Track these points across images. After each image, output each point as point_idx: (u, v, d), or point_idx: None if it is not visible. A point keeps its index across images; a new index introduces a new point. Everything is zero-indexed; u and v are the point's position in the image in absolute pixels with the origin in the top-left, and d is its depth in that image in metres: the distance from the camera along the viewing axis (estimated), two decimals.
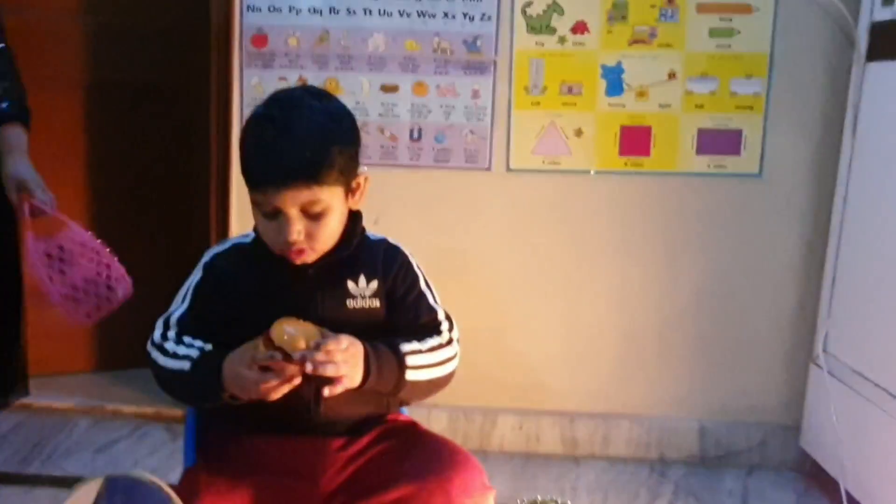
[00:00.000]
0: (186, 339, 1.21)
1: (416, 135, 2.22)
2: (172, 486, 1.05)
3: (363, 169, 1.24)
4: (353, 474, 1.21)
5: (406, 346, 1.20)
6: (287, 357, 1.06)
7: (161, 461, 2.16)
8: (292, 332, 1.08)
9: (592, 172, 2.20)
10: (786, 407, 2.22)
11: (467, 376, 2.24)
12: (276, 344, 1.07)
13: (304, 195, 1.13)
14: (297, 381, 1.09)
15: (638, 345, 2.24)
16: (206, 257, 1.29)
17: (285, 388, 1.09)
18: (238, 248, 1.30)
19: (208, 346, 1.19)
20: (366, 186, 1.24)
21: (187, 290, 1.26)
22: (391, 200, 2.15)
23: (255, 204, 1.18)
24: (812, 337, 2.14)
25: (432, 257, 1.35)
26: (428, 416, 2.14)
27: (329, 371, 1.07)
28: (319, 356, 1.07)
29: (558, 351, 2.26)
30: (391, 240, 1.33)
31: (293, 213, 1.14)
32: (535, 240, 2.23)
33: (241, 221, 2.22)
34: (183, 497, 1.05)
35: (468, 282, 2.16)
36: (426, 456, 1.19)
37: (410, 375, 1.19)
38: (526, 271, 2.24)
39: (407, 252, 1.32)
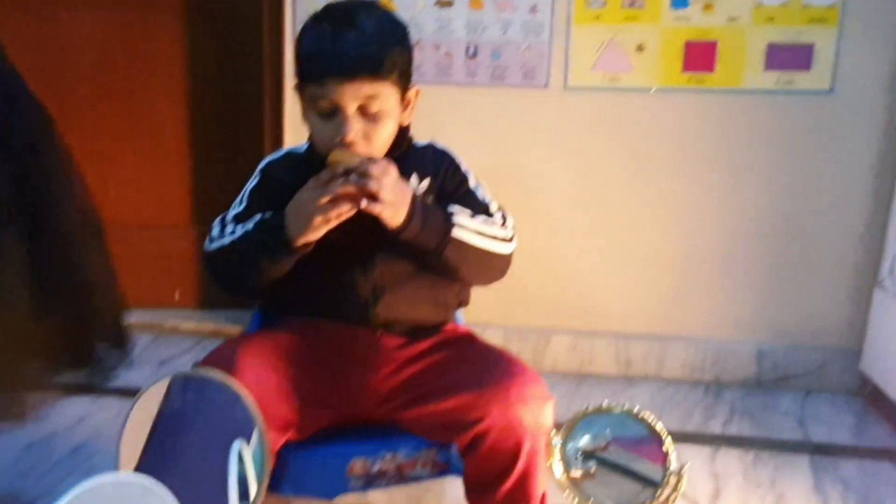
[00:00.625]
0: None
1: (471, 52, 2.17)
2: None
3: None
4: (409, 379, 1.23)
5: (455, 208, 1.21)
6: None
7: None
8: (348, 153, 1.13)
9: (653, 90, 2.13)
10: (847, 331, 2.18)
11: (521, 296, 2.27)
12: (330, 161, 1.11)
13: (365, 89, 1.13)
14: (354, 201, 1.10)
15: (696, 267, 2.21)
16: (262, 164, 1.32)
17: (339, 208, 1.10)
18: (291, 155, 1.32)
19: (267, 215, 1.20)
20: (416, 101, 1.25)
21: (244, 193, 1.29)
22: (445, 119, 2.12)
23: (313, 101, 1.17)
24: (878, 260, 2.09)
25: (487, 177, 1.33)
26: (482, 334, 2.15)
27: (371, 185, 1.09)
28: (368, 169, 1.10)
29: (614, 272, 2.24)
30: (438, 144, 1.33)
31: (352, 110, 1.14)
32: (593, 159, 2.19)
33: (295, 140, 2.21)
34: (236, 368, 1.08)
35: (523, 202, 2.13)
36: (484, 365, 1.20)
37: (457, 233, 1.18)
38: (582, 191, 2.21)
39: (455, 154, 1.31)
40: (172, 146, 2.49)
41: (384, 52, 1.14)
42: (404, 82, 1.20)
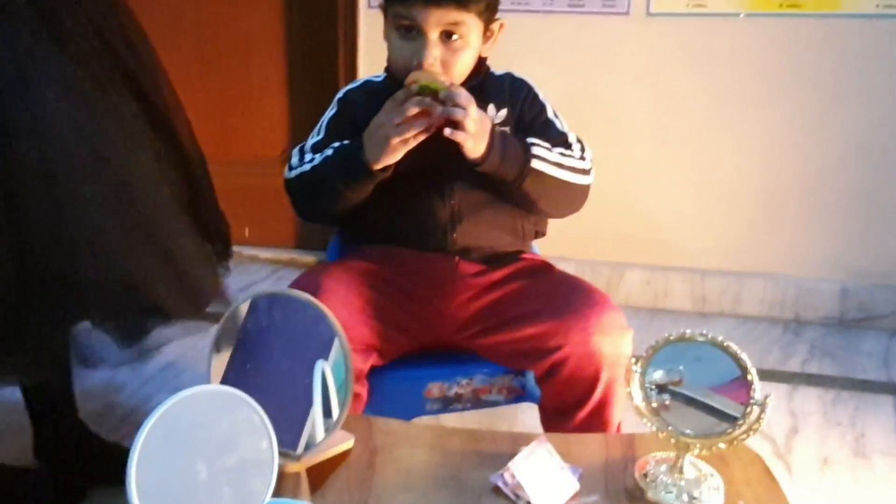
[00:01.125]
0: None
1: None
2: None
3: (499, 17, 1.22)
4: (487, 306, 1.23)
5: (534, 140, 1.20)
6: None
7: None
8: (428, 75, 1.12)
9: (742, 15, 2.03)
10: None
11: (594, 230, 2.23)
12: (408, 82, 1.11)
13: (450, 16, 1.13)
14: (432, 110, 1.09)
15: (779, 201, 2.13)
16: (340, 93, 1.32)
17: (416, 129, 1.10)
18: (369, 84, 1.32)
19: (346, 142, 1.21)
20: (499, 35, 1.23)
21: (322, 123, 1.29)
22: (522, 48, 2.07)
23: (396, 20, 1.16)
24: None
25: (564, 108, 1.30)
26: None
27: (457, 114, 1.08)
28: (455, 96, 1.09)
29: (691, 206, 2.19)
30: (516, 73, 1.31)
31: (434, 36, 1.14)
32: (674, 89, 2.11)
33: (368, 71, 2.20)
34: (321, 292, 1.11)
35: (601, 133, 2.07)
36: (563, 294, 1.19)
37: (536, 164, 1.17)
38: (662, 122, 2.14)
39: (533, 83, 1.30)
40: (236, 80, 2.49)
41: None
42: (489, 14, 1.19)
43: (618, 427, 1.18)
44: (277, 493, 0.80)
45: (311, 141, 1.27)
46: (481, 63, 1.25)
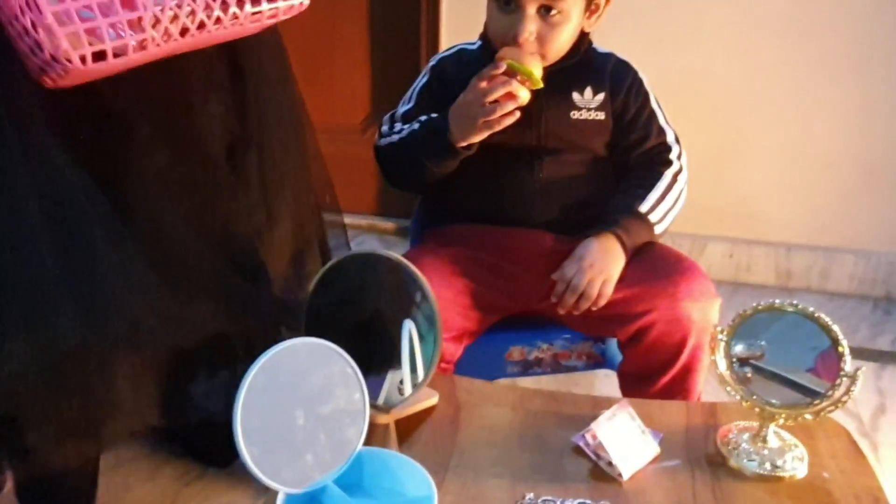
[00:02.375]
0: None
1: None
2: None
3: None
4: None
5: (644, 205, 1.20)
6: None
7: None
8: (517, 51, 1.12)
9: None
10: None
11: None
12: (498, 57, 1.11)
13: None
14: (525, 98, 1.10)
15: (874, 174, 2.05)
16: (433, 61, 1.31)
17: (503, 111, 1.10)
18: (463, 52, 1.31)
19: (433, 115, 1.22)
20: (605, 10, 1.20)
21: (413, 91, 1.30)
22: (608, 19, 2.02)
23: None
24: None
25: (650, 75, 1.28)
26: None
27: (589, 297, 1.15)
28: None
29: (780, 178, 2.12)
30: (619, 55, 1.28)
31: (531, 10, 1.13)
32: (765, 55, 2.04)
33: (451, 39, 2.20)
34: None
35: (686, 102, 2.03)
36: (651, 260, 1.20)
37: (659, 227, 1.21)
38: (751, 90, 2.07)
39: (637, 69, 1.28)
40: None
41: None
42: None
43: (698, 397, 1.18)
44: (368, 442, 0.84)
45: (401, 109, 1.29)
46: (583, 39, 1.23)
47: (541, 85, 1.12)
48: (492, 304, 1.21)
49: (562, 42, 1.17)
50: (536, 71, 1.11)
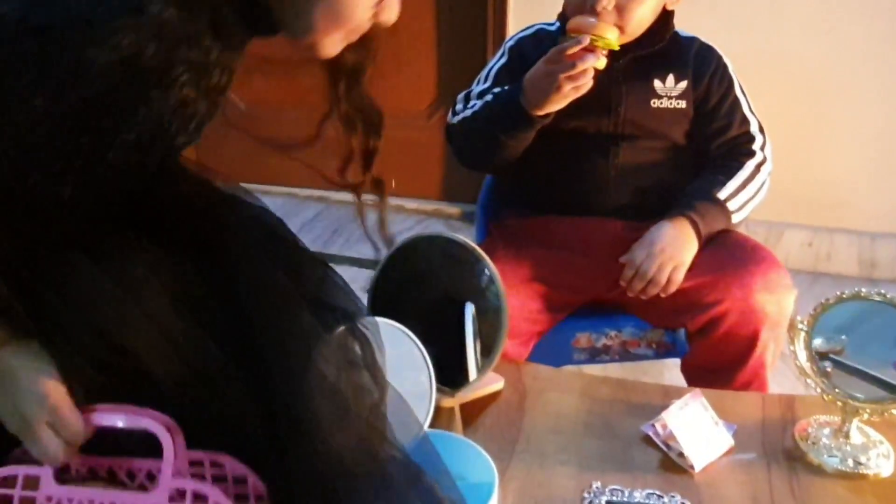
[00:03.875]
0: None
1: None
2: None
3: None
4: None
5: (723, 192, 1.16)
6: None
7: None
8: (593, 21, 1.08)
9: None
10: None
11: None
12: (570, 27, 1.08)
13: None
14: (600, 64, 1.07)
15: None
16: (511, 41, 1.28)
17: (576, 81, 1.06)
18: (541, 32, 1.27)
19: (506, 88, 1.19)
20: None
21: (489, 70, 1.27)
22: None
23: None
24: None
25: (728, 56, 1.24)
26: None
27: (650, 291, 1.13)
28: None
29: (864, 164, 2.02)
30: (703, 39, 1.24)
31: None
32: (847, 38, 1.94)
33: (518, 23, 2.17)
34: None
35: (765, 82, 1.95)
36: (725, 248, 1.16)
37: (737, 216, 1.18)
38: (836, 72, 1.98)
39: (723, 54, 1.23)
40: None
41: None
42: None
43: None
44: (433, 425, 0.83)
45: (477, 88, 1.26)
46: (667, 22, 1.18)
47: (616, 47, 1.09)
48: (560, 303, 1.19)
49: (642, 14, 1.12)
50: (610, 35, 1.08)
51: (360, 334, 0.75)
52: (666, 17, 1.18)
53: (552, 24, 1.26)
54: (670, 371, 1.51)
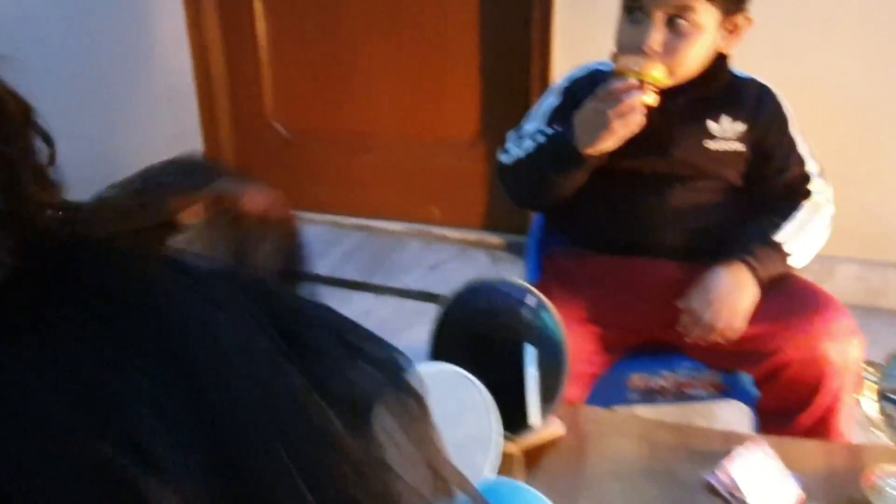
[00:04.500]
0: None
1: None
2: None
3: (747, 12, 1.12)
4: None
5: (780, 235, 1.14)
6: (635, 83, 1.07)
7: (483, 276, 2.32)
8: (641, 61, 1.08)
9: None
10: None
11: None
12: (617, 68, 1.08)
13: None
14: (649, 100, 1.07)
15: None
16: (565, 82, 1.28)
17: (627, 121, 1.06)
18: (597, 74, 1.25)
19: (559, 129, 1.19)
20: (746, 30, 1.13)
21: (542, 111, 1.26)
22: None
23: (624, 3, 1.12)
24: None
25: (773, 84, 1.23)
26: None
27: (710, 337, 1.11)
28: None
29: None
30: (761, 79, 1.22)
31: (659, 17, 1.08)
32: None
33: (562, 65, 2.17)
34: None
35: (812, 111, 1.92)
36: (785, 294, 1.14)
37: (794, 260, 1.15)
38: (886, 99, 1.95)
39: (778, 94, 1.21)
40: (435, 63, 2.50)
41: None
42: (731, 5, 1.10)
43: (845, 438, 1.11)
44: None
45: (528, 127, 1.26)
46: (722, 65, 1.17)
47: (667, 82, 1.09)
48: (615, 344, 1.19)
49: (693, 56, 1.11)
50: (656, 72, 1.08)
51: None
52: (721, 59, 1.17)
53: (606, 65, 1.24)
54: (723, 411, 1.49)
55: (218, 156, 2.77)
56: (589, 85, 1.22)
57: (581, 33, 2.16)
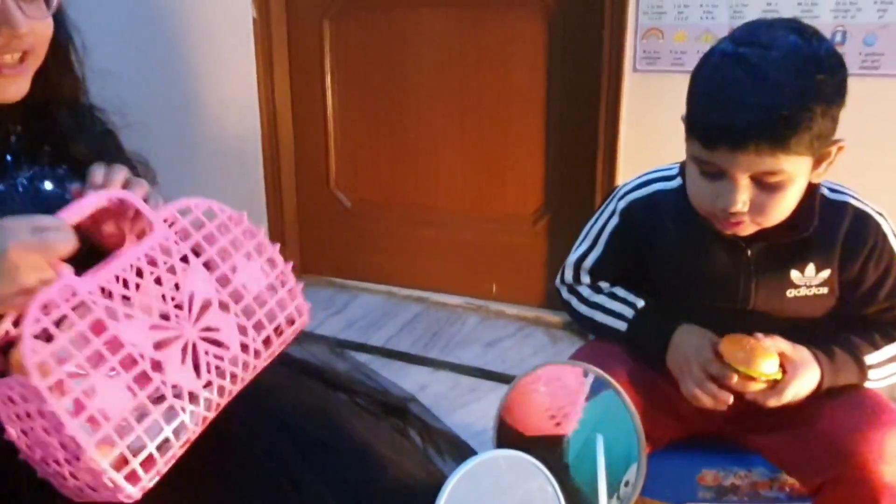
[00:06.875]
0: (603, 285, 1.20)
1: (839, 38, 1.95)
2: None
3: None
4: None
5: (870, 358, 1.06)
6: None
7: (544, 361, 2.26)
8: (751, 354, 1.01)
9: None
10: None
11: None
12: (728, 363, 1.02)
13: (764, 164, 0.93)
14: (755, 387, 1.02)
15: None
16: (623, 203, 1.17)
17: (726, 402, 1.02)
18: (660, 195, 1.14)
19: (640, 303, 1.15)
20: (837, 157, 0.99)
21: (600, 233, 1.20)
22: None
23: (695, 159, 1.01)
24: None
25: (853, 181, 1.13)
26: None
27: (771, 403, 1.01)
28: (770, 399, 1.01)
29: None
30: (858, 203, 1.07)
31: (742, 180, 0.96)
32: None
33: (630, 140, 2.16)
34: None
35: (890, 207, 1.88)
36: (844, 405, 1.05)
37: (872, 385, 1.07)
38: None
39: (881, 220, 1.07)
40: (500, 138, 2.51)
41: (797, 119, 0.91)
42: (820, 145, 0.95)
43: None
44: None
45: (590, 257, 1.21)
46: (812, 202, 1.04)
47: (778, 377, 1.01)
48: (674, 412, 1.12)
49: (785, 205, 0.99)
50: (769, 367, 1.00)
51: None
52: (811, 195, 1.04)
53: (670, 180, 1.15)
54: None
55: (280, 219, 2.82)
56: (649, 208, 1.15)
57: (650, 107, 2.15)
